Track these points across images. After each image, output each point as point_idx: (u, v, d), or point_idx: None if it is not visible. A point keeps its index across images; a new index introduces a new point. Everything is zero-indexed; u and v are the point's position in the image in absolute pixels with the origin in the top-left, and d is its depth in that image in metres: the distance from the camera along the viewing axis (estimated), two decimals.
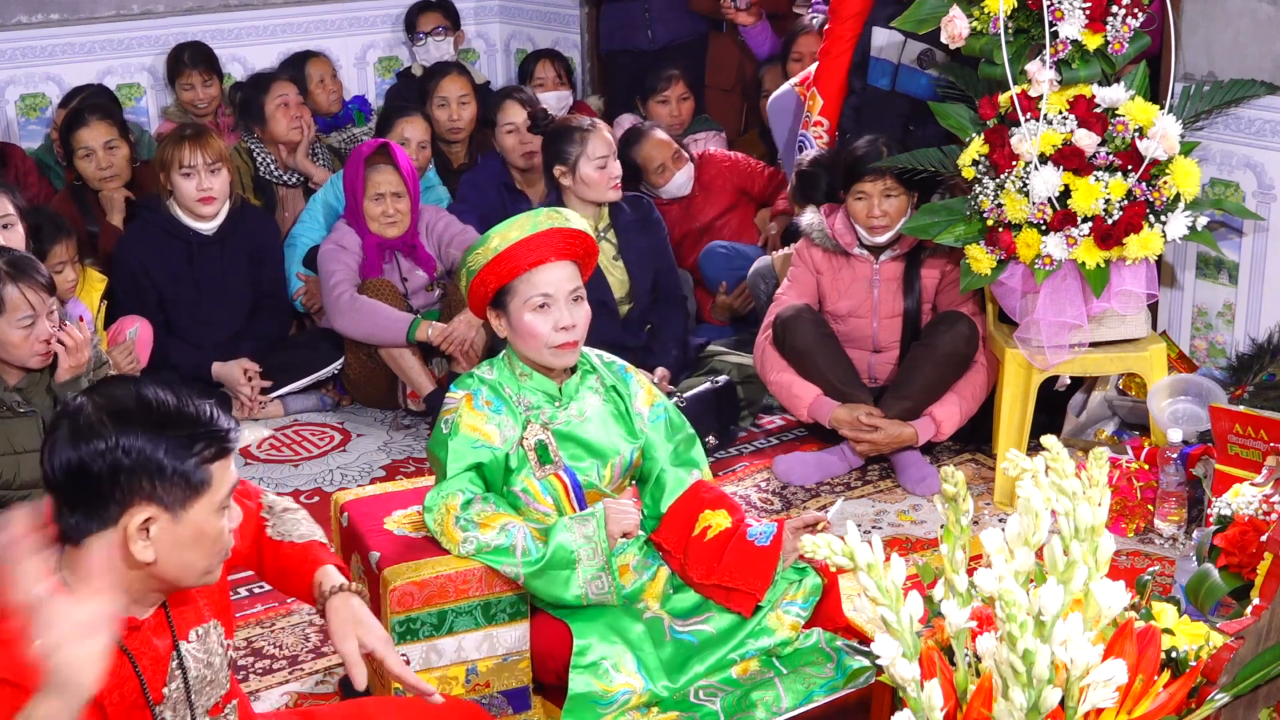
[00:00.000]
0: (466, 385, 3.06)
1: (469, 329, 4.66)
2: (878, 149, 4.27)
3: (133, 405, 1.96)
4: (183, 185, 4.78)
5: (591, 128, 4.71)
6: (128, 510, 1.93)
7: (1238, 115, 4.19)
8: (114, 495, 1.92)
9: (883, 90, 4.68)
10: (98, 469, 1.91)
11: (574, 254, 3.05)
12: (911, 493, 4.19)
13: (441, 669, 2.93)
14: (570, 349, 3.02)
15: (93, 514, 1.93)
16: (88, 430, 1.93)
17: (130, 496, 1.93)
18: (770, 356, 4.39)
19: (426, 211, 5.03)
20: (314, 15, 6.51)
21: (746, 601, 2.98)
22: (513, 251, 2.98)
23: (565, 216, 3.06)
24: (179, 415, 1.98)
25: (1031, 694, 1.79)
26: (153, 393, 1.99)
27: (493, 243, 3.00)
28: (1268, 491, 3.09)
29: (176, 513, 1.96)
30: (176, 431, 1.96)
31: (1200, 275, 4.38)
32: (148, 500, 1.94)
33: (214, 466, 1.99)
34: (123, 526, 1.94)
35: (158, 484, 1.94)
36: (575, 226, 3.05)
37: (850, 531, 1.98)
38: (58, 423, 1.97)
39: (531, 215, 3.04)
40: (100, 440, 1.92)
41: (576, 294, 3.03)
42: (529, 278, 2.99)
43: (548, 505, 3.03)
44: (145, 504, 1.94)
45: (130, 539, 1.94)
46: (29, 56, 5.88)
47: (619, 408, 3.14)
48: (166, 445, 1.94)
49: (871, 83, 4.71)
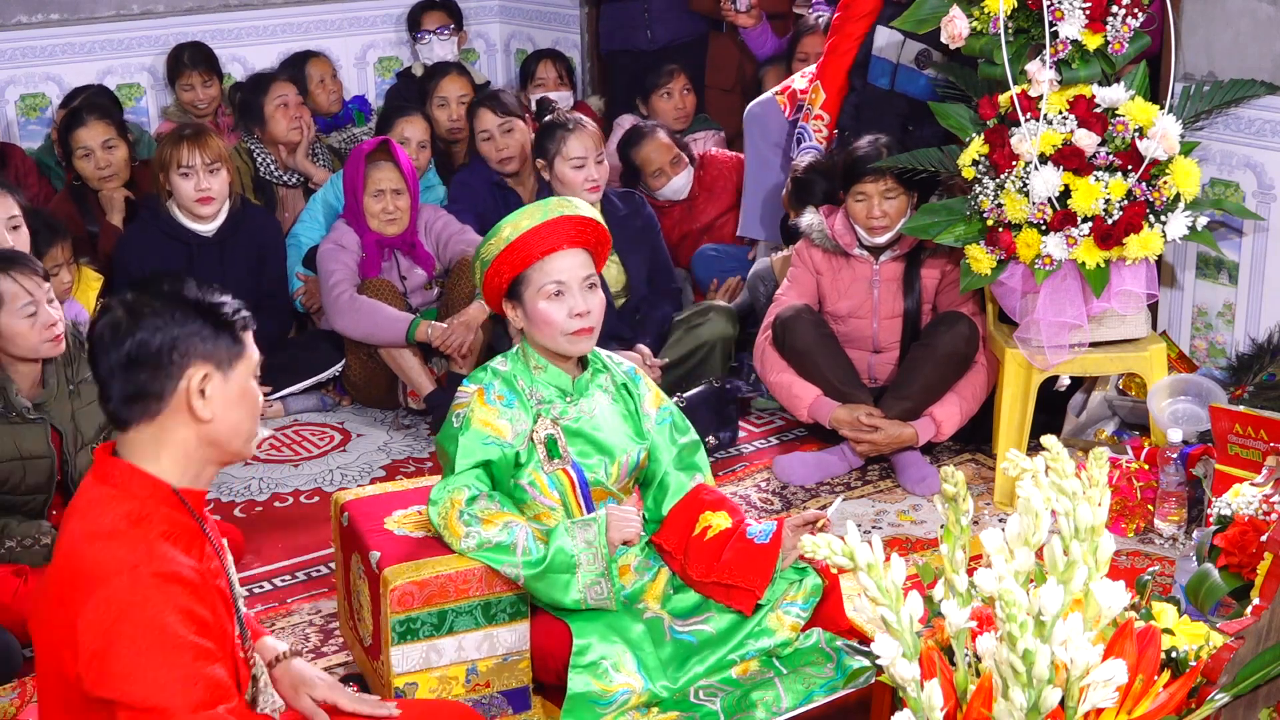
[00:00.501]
0: (479, 379, 3.07)
1: (466, 331, 4.66)
2: (878, 149, 4.27)
3: (167, 290, 2.22)
4: (181, 185, 4.78)
5: (574, 128, 4.74)
6: (187, 371, 2.18)
7: (1238, 115, 4.19)
8: (173, 359, 2.17)
9: (882, 89, 4.69)
10: (158, 342, 2.16)
11: (586, 241, 3.06)
12: (911, 493, 4.19)
13: (441, 669, 2.93)
14: (585, 335, 3.03)
15: (156, 385, 2.17)
16: (138, 314, 2.18)
17: (188, 359, 2.18)
18: (770, 357, 4.40)
19: (425, 211, 5.03)
20: (314, 15, 6.51)
21: (746, 599, 2.98)
22: (525, 240, 2.99)
23: (575, 205, 3.07)
24: (205, 296, 2.24)
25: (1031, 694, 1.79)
26: (177, 282, 2.24)
27: (504, 232, 3.01)
28: (1268, 491, 3.09)
29: (226, 371, 2.21)
30: (210, 303, 2.23)
31: (1200, 275, 4.38)
32: (202, 359, 2.19)
33: (245, 334, 2.26)
34: (184, 388, 2.18)
35: (209, 341, 2.20)
36: (586, 214, 3.06)
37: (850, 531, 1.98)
38: (102, 326, 2.19)
39: (542, 204, 3.06)
40: (156, 317, 2.17)
41: (590, 281, 3.04)
42: (542, 266, 3.01)
43: (554, 500, 3.04)
44: (201, 363, 2.19)
45: (192, 395, 2.18)
46: (29, 56, 5.88)
47: (628, 407, 3.15)
48: (207, 312, 2.21)
49: (871, 81, 4.72)
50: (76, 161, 5.09)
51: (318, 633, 3.53)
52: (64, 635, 2.10)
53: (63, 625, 2.10)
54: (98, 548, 2.11)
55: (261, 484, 4.40)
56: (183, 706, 2.04)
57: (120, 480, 2.18)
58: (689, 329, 4.77)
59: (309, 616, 3.61)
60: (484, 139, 5.30)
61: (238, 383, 2.23)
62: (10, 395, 3.54)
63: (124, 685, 2.04)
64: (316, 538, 3.98)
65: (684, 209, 5.46)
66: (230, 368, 2.22)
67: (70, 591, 2.10)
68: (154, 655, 2.05)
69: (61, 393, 3.64)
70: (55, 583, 2.15)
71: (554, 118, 4.90)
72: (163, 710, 2.04)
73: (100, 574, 2.08)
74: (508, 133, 5.25)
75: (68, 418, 3.62)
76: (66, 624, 2.09)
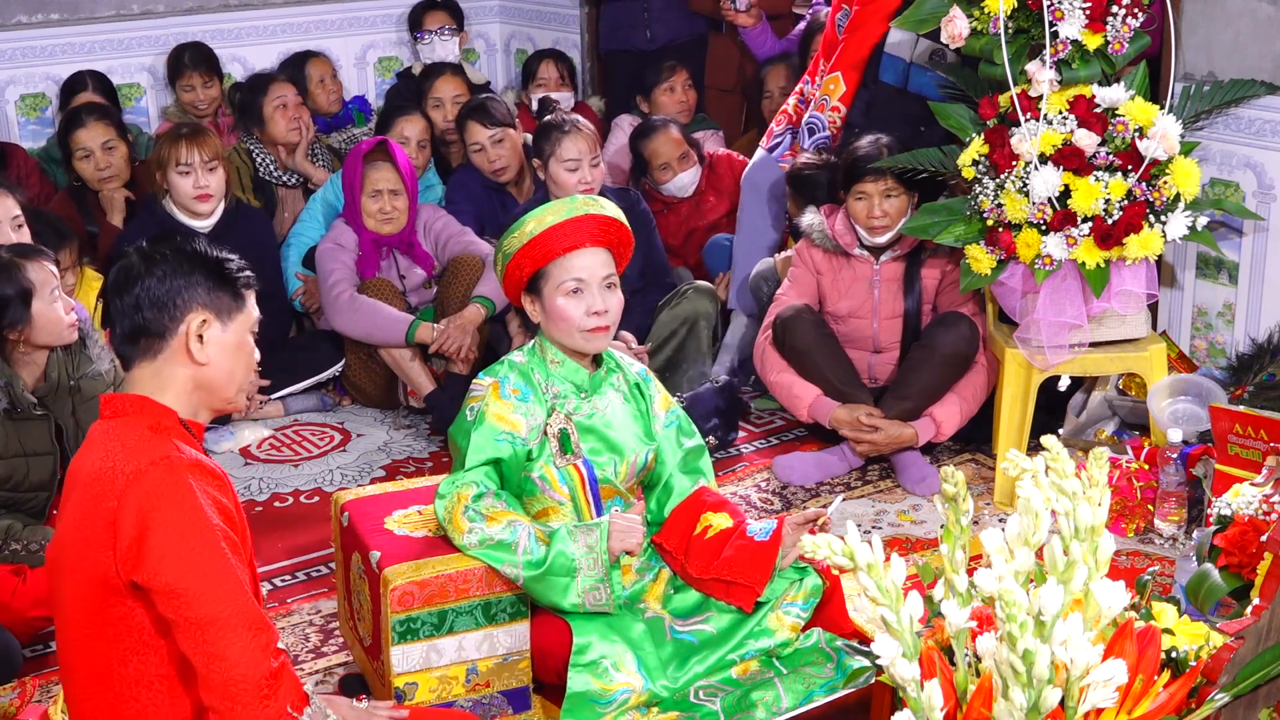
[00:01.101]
0: (495, 372, 3.08)
1: (462, 334, 4.66)
2: (878, 149, 4.27)
3: (179, 243, 2.42)
4: (179, 183, 4.79)
5: (569, 130, 4.75)
6: (188, 316, 2.37)
7: (1238, 115, 4.19)
8: (176, 304, 2.36)
9: (894, 88, 4.68)
10: (166, 287, 2.36)
11: (608, 241, 3.07)
12: (911, 493, 4.19)
13: (441, 669, 2.93)
14: (602, 334, 3.04)
15: (159, 326, 2.36)
16: (151, 261, 2.38)
17: (190, 304, 2.37)
18: (770, 356, 4.40)
19: (425, 210, 5.03)
20: (314, 15, 6.51)
21: (746, 596, 2.98)
22: (547, 236, 3.00)
23: (601, 204, 3.08)
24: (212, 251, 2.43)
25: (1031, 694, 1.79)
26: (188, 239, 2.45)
27: (528, 227, 3.02)
28: (1268, 491, 3.09)
29: (225, 321, 2.40)
30: (216, 258, 2.42)
31: (1200, 275, 4.38)
32: (203, 306, 2.38)
33: (247, 291, 2.45)
34: (184, 330, 2.36)
35: (211, 292, 2.39)
36: (610, 214, 3.07)
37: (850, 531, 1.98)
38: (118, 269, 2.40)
39: (568, 201, 3.07)
40: (165, 264, 2.37)
41: (609, 281, 3.05)
42: (562, 262, 3.02)
43: (563, 494, 3.05)
44: (201, 309, 2.38)
45: (190, 338, 2.36)
46: (29, 56, 5.88)
47: (639, 408, 3.16)
48: (214, 264, 2.41)
49: (884, 79, 4.71)
50: (76, 163, 5.10)
51: (318, 633, 3.53)
52: (101, 537, 2.25)
53: (101, 526, 2.25)
54: (124, 454, 2.28)
55: (261, 484, 4.40)
56: (241, 623, 2.24)
57: (131, 408, 2.35)
58: (669, 309, 4.82)
59: (309, 616, 3.61)
60: (475, 150, 5.30)
61: (235, 333, 2.42)
62: (16, 391, 3.55)
63: (159, 569, 2.22)
64: (316, 538, 3.99)
65: (691, 206, 5.47)
66: (229, 319, 2.41)
67: (105, 493, 2.26)
68: (188, 541, 2.23)
69: (63, 388, 3.65)
70: (86, 497, 2.29)
71: (551, 119, 4.91)
72: (215, 621, 2.23)
73: (133, 469, 2.26)
74: (499, 143, 5.25)
75: (68, 413, 3.64)
76: (105, 525, 2.25)
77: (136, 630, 2.28)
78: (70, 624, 2.34)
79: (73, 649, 2.34)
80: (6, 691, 3.27)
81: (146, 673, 2.29)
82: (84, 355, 3.72)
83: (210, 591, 2.22)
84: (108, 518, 2.24)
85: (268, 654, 2.27)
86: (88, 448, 2.37)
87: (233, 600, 2.24)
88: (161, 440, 2.31)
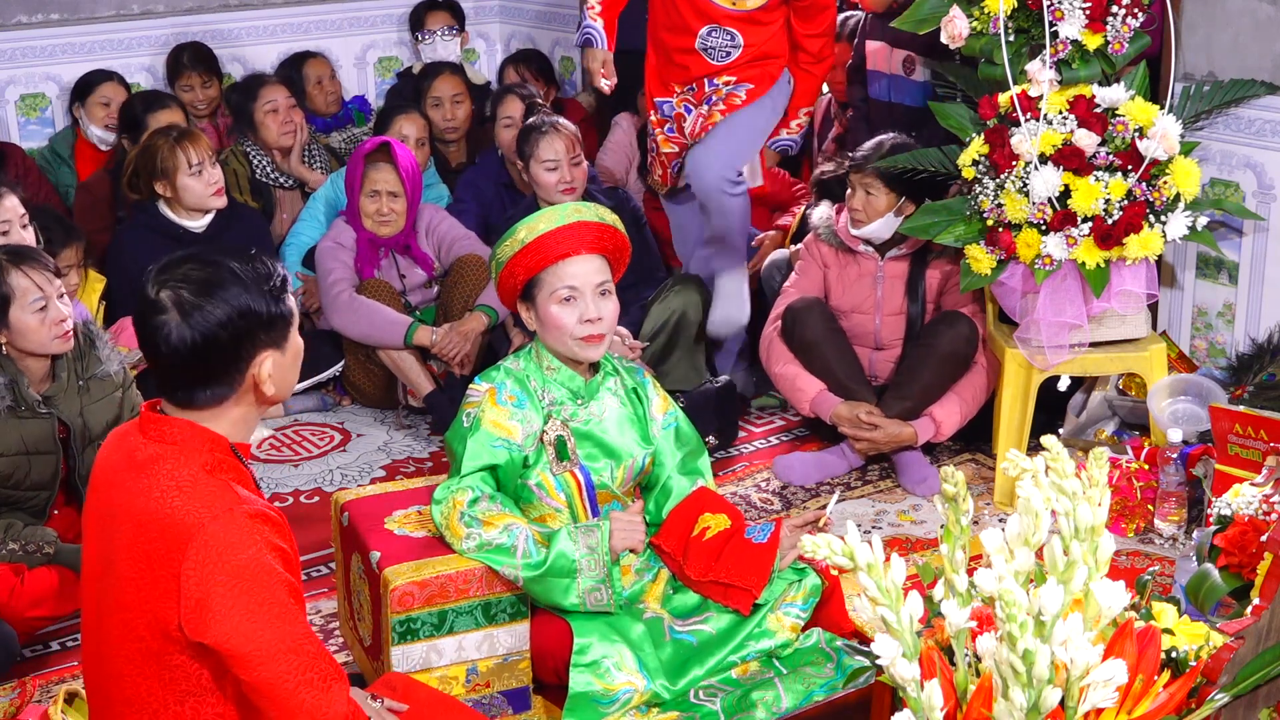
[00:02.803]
0: (491, 378, 3.07)
1: (463, 341, 4.66)
2: (877, 145, 4.30)
3: (220, 275, 2.22)
4: (193, 185, 4.72)
5: (547, 130, 4.73)
6: (253, 363, 2.24)
7: (1238, 115, 4.19)
8: (241, 354, 2.22)
9: (883, 102, 4.74)
10: (224, 339, 2.20)
11: (603, 248, 3.05)
12: (911, 493, 4.19)
13: (441, 669, 2.93)
14: (596, 341, 3.03)
15: (223, 378, 2.23)
16: (195, 309, 2.19)
17: (254, 350, 2.24)
18: (777, 348, 4.40)
19: (427, 211, 5.01)
20: (314, 15, 6.50)
21: (744, 598, 2.98)
22: (540, 243, 2.99)
23: (597, 211, 3.07)
24: (255, 269, 2.26)
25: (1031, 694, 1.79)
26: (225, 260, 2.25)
27: (520, 234, 3.01)
28: (1268, 491, 3.09)
29: (282, 346, 2.28)
30: (261, 283, 2.25)
31: (1200, 275, 4.38)
32: (265, 347, 2.25)
33: (287, 297, 2.30)
34: (252, 376, 2.25)
35: (266, 330, 2.25)
36: (606, 221, 3.06)
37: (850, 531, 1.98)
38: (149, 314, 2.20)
39: (561, 208, 3.06)
40: (215, 312, 2.19)
41: (604, 288, 3.04)
42: (556, 270, 3.00)
43: (560, 502, 3.04)
44: (265, 350, 2.25)
45: (261, 383, 2.25)
46: (29, 56, 5.87)
47: (636, 412, 3.15)
48: (262, 297, 2.24)
49: (872, 95, 4.78)
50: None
51: (318, 633, 3.53)
52: (166, 587, 2.14)
53: (163, 578, 2.15)
54: (183, 499, 2.16)
55: (261, 484, 4.36)
56: (301, 684, 2.14)
57: (180, 437, 2.23)
58: (659, 302, 4.81)
59: (309, 616, 3.60)
60: (506, 125, 5.32)
61: (292, 348, 2.32)
62: (20, 388, 3.54)
63: (226, 634, 2.12)
64: (316, 538, 3.98)
65: None
66: (285, 339, 2.30)
67: (167, 545, 2.15)
68: (254, 602, 2.12)
69: (71, 388, 3.64)
70: (142, 539, 2.18)
71: (531, 121, 4.90)
72: (284, 680, 2.14)
73: (194, 521, 2.14)
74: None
75: (76, 413, 3.63)
76: (168, 576, 2.14)
77: (195, 676, 2.20)
78: (118, 659, 2.23)
79: (121, 682, 2.24)
80: (7, 691, 3.27)
81: (203, 713, 2.22)
82: (93, 355, 3.71)
83: (279, 654, 2.14)
84: (169, 569, 2.14)
85: (338, 704, 2.20)
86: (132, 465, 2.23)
87: (299, 656, 2.16)
88: (220, 486, 2.18)
